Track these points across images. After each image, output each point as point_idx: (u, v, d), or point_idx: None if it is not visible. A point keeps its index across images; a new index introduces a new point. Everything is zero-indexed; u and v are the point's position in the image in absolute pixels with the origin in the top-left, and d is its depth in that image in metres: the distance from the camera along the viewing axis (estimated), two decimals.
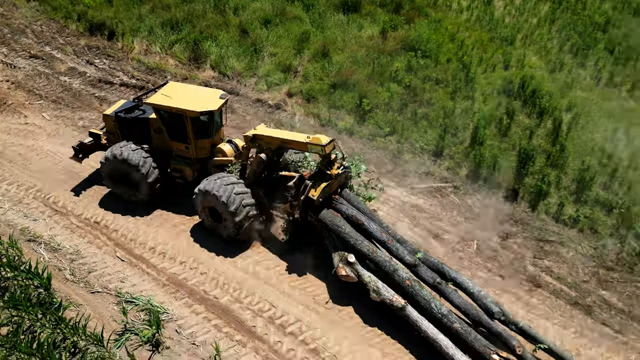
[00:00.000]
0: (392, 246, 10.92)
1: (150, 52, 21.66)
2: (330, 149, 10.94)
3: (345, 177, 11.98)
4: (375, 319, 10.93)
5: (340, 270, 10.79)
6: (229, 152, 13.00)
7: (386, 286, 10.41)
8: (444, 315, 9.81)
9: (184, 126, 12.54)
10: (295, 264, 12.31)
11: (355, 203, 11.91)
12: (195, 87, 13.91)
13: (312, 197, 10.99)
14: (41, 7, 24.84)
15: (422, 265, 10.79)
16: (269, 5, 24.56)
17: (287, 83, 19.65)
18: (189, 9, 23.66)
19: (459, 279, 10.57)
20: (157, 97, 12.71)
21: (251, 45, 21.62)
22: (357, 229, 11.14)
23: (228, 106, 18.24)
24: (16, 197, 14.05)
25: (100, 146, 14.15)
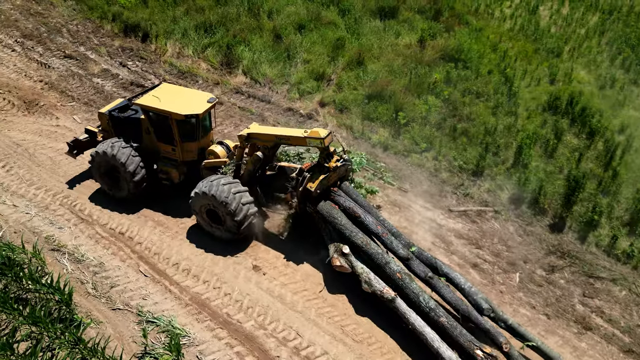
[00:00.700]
0: (386, 239, 11.01)
1: (182, 56, 21.33)
2: (328, 141, 10.99)
3: (345, 170, 11.98)
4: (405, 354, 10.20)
5: (335, 261, 10.96)
6: (221, 153, 12.87)
7: (378, 278, 10.53)
8: (431, 309, 9.90)
9: (170, 128, 12.51)
10: (323, 289, 11.62)
11: (354, 196, 11.91)
12: (187, 90, 13.85)
13: (309, 189, 11.10)
14: (78, 6, 24.89)
15: (414, 259, 10.87)
16: (304, 10, 23.95)
17: (320, 92, 18.98)
18: (223, 12, 23.26)
19: (451, 274, 10.64)
20: (146, 98, 12.75)
21: (284, 51, 21.04)
22: (354, 222, 11.23)
23: (259, 114, 17.76)
24: (43, 202, 13.82)
25: (95, 143, 14.07)
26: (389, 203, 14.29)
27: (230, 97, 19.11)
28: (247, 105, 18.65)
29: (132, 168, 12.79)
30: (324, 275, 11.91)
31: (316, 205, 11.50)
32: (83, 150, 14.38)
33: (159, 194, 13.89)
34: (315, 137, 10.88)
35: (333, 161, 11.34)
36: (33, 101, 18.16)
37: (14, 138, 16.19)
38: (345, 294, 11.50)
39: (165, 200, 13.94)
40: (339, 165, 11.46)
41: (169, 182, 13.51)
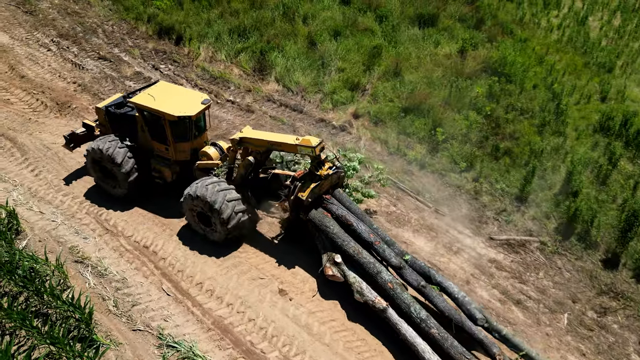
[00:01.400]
0: (379, 247, 10.82)
1: (215, 60, 20.90)
2: (319, 150, 10.88)
3: (338, 177, 11.83)
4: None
5: (327, 270, 10.81)
6: (214, 155, 12.71)
7: (370, 288, 10.37)
8: (422, 320, 9.72)
9: (163, 128, 12.41)
10: (352, 319, 10.87)
11: (347, 204, 11.73)
12: (182, 90, 13.52)
13: (301, 198, 10.99)
14: (114, 6, 24.81)
15: (407, 267, 10.66)
16: (340, 15, 23.20)
17: (354, 103, 18.19)
18: (257, 16, 22.73)
19: (444, 283, 10.42)
20: (141, 96, 12.65)
21: (318, 58, 20.34)
22: (346, 230, 11.06)
23: (290, 124, 17.05)
24: (70, 210, 13.53)
25: (92, 137, 14.09)
26: (424, 227, 13.41)
27: (261, 105, 18.53)
28: (279, 114, 18.04)
29: (127, 168, 12.71)
30: (353, 304, 11.14)
31: (308, 214, 11.34)
32: (80, 143, 14.33)
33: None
34: (306, 145, 10.74)
35: (324, 169, 11.17)
36: (65, 103, 18.02)
37: (44, 141, 16.01)
38: (375, 328, 10.70)
39: None
40: (331, 173, 11.30)
41: (162, 181, 13.36)
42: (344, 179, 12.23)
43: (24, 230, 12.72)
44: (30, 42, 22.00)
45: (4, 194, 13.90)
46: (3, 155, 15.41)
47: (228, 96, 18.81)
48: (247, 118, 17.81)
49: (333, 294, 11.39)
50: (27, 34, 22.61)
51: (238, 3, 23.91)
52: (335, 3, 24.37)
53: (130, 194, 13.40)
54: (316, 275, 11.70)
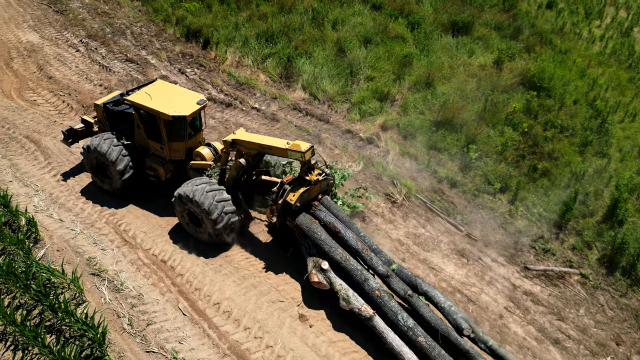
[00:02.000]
0: (366, 255, 10.66)
1: (241, 65, 20.45)
2: (309, 155, 10.80)
3: (327, 184, 11.78)
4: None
5: (313, 277, 10.63)
6: (208, 155, 12.74)
7: (356, 295, 10.24)
8: (409, 328, 9.58)
9: (158, 127, 12.44)
10: (377, 352, 10.19)
11: (335, 210, 11.63)
12: (179, 90, 13.23)
13: (289, 202, 10.91)
14: (144, 7, 24.66)
15: (394, 276, 10.48)
16: (370, 21, 22.46)
17: (383, 114, 17.45)
18: (285, 20, 22.20)
19: (431, 292, 10.24)
20: (138, 94, 12.64)
21: (347, 66, 19.66)
22: (334, 237, 10.96)
23: (316, 134, 16.42)
24: (89, 219, 13.24)
25: (91, 133, 14.22)
26: (455, 252, 12.62)
27: (287, 113, 17.98)
28: (304, 124, 17.44)
29: (121, 167, 12.73)
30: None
31: (296, 219, 11.26)
32: (78, 139, 14.37)
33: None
34: (296, 150, 10.72)
35: (314, 175, 11.12)
36: (91, 106, 17.81)
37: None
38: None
39: None
40: (320, 179, 11.21)
41: (156, 180, 13.34)
42: (332, 186, 12.21)
43: (42, 239, 12.46)
44: (60, 42, 21.99)
45: (26, 199, 13.71)
46: (27, 159, 15.27)
47: (253, 103, 18.32)
48: (272, 127, 17.29)
49: (353, 321, 10.71)
50: (57, 33, 22.63)
51: (267, 7, 23.44)
52: (366, 8, 23.66)
53: (124, 192, 13.39)
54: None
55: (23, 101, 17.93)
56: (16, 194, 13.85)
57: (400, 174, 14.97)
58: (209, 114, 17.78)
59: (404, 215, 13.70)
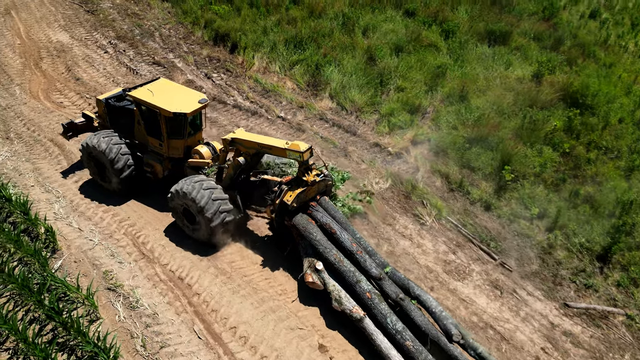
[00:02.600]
0: (360, 257, 10.61)
1: (269, 71, 19.91)
2: (307, 156, 10.78)
3: (325, 185, 11.72)
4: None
5: (308, 277, 10.66)
6: (206, 154, 12.68)
7: (348, 296, 10.25)
8: (398, 332, 9.57)
9: (159, 123, 12.38)
10: None
11: (332, 212, 11.58)
12: (181, 88, 13.21)
13: (286, 202, 10.89)
14: (173, 9, 24.42)
15: (387, 279, 10.45)
16: (403, 28, 21.63)
17: (413, 127, 16.62)
18: (315, 26, 21.57)
19: (423, 296, 10.17)
20: (140, 90, 12.61)
21: (377, 75, 18.91)
22: (330, 238, 10.95)
23: (342, 147, 15.66)
24: (108, 229, 12.88)
25: (91, 128, 14.28)
26: (488, 283, 11.75)
27: (313, 123, 17.34)
28: (330, 135, 16.77)
29: (120, 165, 12.76)
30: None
31: (292, 219, 11.24)
32: (78, 133, 14.41)
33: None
34: (295, 150, 10.69)
35: (312, 175, 11.09)
36: None
37: None
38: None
39: (247, 243, 12.52)
40: (318, 180, 11.18)
41: (153, 177, 13.29)
42: (331, 187, 12.17)
43: (60, 249, 12.16)
44: (89, 42, 21.90)
45: (46, 205, 13.46)
46: (50, 163, 15.07)
47: (279, 112, 17.75)
48: (297, 137, 16.67)
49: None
50: (87, 34, 22.56)
51: (296, 10, 22.87)
52: (399, 14, 22.84)
53: (122, 190, 13.42)
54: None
55: (50, 103, 17.81)
56: (37, 199, 13.63)
57: (430, 193, 14.16)
58: (234, 122, 17.30)
59: (433, 238, 12.89)
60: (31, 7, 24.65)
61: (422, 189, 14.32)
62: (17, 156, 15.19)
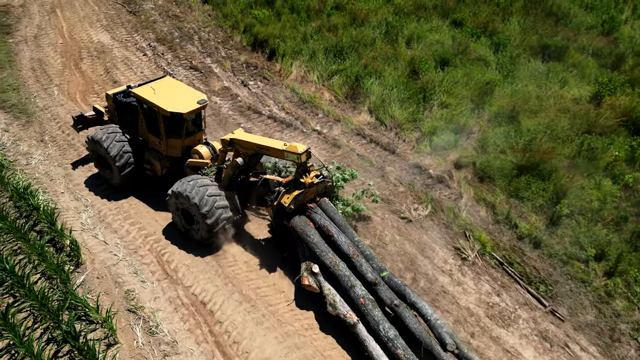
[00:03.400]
0: (356, 261, 10.41)
1: (306, 81, 19.11)
2: (305, 158, 10.61)
3: (324, 187, 11.55)
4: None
5: (304, 280, 10.54)
6: (206, 154, 12.59)
7: (343, 301, 10.09)
8: (389, 339, 9.36)
9: (158, 122, 12.35)
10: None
11: (332, 214, 11.38)
12: (184, 88, 12.90)
13: (283, 204, 10.82)
14: (214, 12, 24.00)
15: (383, 284, 10.20)
16: (449, 39, 20.39)
17: (457, 149, 15.45)
18: (357, 34, 20.62)
19: (419, 303, 9.88)
20: (143, 88, 12.58)
21: (420, 89, 17.78)
22: (327, 240, 10.77)
23: (379, 167, 14.56)
24: (133, 244, 12.40)
25: (100, 121, 14.38)
26: (536, 332, 10.53)
27: (349, 138, 16.41)
28: (367, 152, 15.80)
29: (121, 163, 12.89)
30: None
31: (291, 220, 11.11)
32: (87, 126, 14.51)
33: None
34: (292, 151, 10.52)
35: (309, 177, 10.94)
36: None
37: None
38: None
39: (272, 268, 11.78)
40: (317, 181, 11.04)
41: (152, 174, 13.29)
42: (331, 189, 11.98)
43: (84, 262, 11.74)
44: (129, 44, 21.71)
45: (74, 214, 13.12)
46: (82, 169, 14.77)
47: (314, 125, 16.92)
48: (333, 153, 15.80)
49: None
50: (128, 35, 22.40)
51: (338, 17, 21.99)
52: (445, 24, 21.59)
53: (123, 186, 13.53)
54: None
55: (86, 105, 17.60)
56: (66, 207, 13.31)
57: (473, 224, 13.00)
58: (268, 133, 16.59)
59: (475, 276, 11.76)
60: (75, 6, 24.77)
61: (465, 219, 13.17)
62: (49, 160, 14.98)
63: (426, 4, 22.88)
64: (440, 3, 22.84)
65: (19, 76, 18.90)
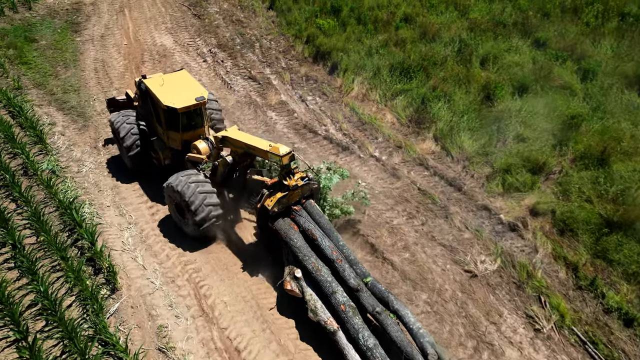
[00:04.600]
0: (339, 266, 10.11)
1: (367, 99, 17.69)
2: (287, 160, 10.47)
3: (310, 189, 11.27)
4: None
5: (287, 284, 10.29)
6: (204, 150, 12.59)
7: (324, 307, 9.80)
8: (368, 349, 8.98)
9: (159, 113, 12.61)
10: None
11: (317, 217, 11.07)
12: (193, 84, 12.92)
13: (266, 207, 10.70)
14: (277, 19, 23.08)
15: (365, 290, 9.92)
16: (530, 61, 18.20)
17: (534, 192, 13.48)
18: (426, 51, 18.91)
19: (402, 311, 9.53)
20: (154, 79, 12.92)
21: (494, 119, 15.85)
22: (311, 244, 10.53)
23: (443, 205, 12.79)
24: (172, 271, 11.57)
25: (131, 106, 14.38)
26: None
27: (411, 168, 14.82)
28: (430, 187, 14.16)
29: (128, 144, 13.24)
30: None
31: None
32: (119, 109, 14.53)
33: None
34: (275, 153, 10.38)
35: (293, 180, 10.76)
36: None
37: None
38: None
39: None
40: (301, 184, 10.83)
41: (157, 162, 13.51)
42: (317, 191, 11.65)
43: (120, 288, 11.04)
44: (190, 49, 21.20)
45: (117, 232, 12.51)
46: (129, 181, 14.21)
47: (373, 150, 15.47)
48: (391, 184, 14.30)
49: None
50: (190, 39, 21.93)
51: (407, 31, 20.36)
52: (526, 44, 19.38)
53: (132, 168, 13.88)
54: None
55: None
56: (109, 223, 12.73)
57: (550, 287, 11.11)
58: (322, 155, 15.34)
59: (550, 354, 9.92)
60: (143, 6, 24.69)
61: (541, 280, 11.29)
62: (100, 169, 14.54)
63: (505, 20, 20.72)
64: (521, 19, 20.61)
65: (82, 77, 18.81)
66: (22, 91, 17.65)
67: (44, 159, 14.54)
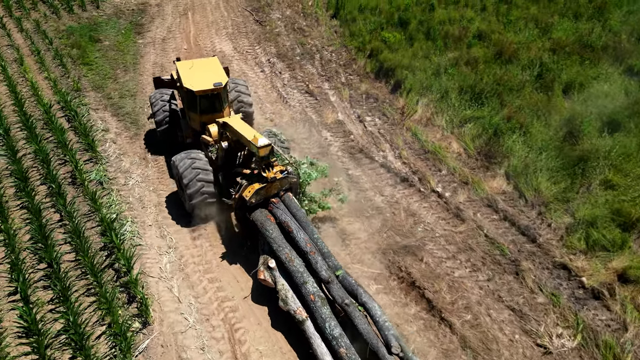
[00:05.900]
0: (312, 258, 10.02)
1: (432, 124, 16.01)
2: (264, 152, 10.60)
3: (288, 182, 11.23)
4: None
5: (260, 274, 10.29)
6: (214, 133, 12.69)
7: (295, 297, 9.81)
8: (334, 338, 9.02)
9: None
10: None
11: (294, 210, 11.02)
12: (218, 71, 13.21)
13: (244, 197, 10.75)
14: (340, 29, 21.79)
15: (336, 283, 9.82)
16: (622, 92, 15.81)
17: (624, 253, 11.36)
18: (502, 74, 16.93)
19: (369, 304, 9.47)
20: (185, 62, 13.53)
21: (578, 159, 13.74)
22: (286, 236, 10.53)
23: (514, 258, 10.91)
24: (207, 308, 10.62)
25: (174, 85, 14.60)
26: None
27: (477, 210, 13.07)
28: (499, 234, 12.35)
29: (158, 119, 14.04)
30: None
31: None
32: (163, 87, 14.96)
33: None
34: (253, 143, 10.54)
35: (272, 172, 10.85)
36: None
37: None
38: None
39: None
40: (279, 177, 10.87)
41: (181, 140, 13.90)
42: (297, 185, 11.56)
43: (152, 323, 10.20)
44: (249, 57, 20.37)
45: (155, 256, 11.74)
46: (175, 198, 13.46)
47: (435, 184, 13.83)
48: (454, 227, 12.64)
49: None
50: (249, 47, 21.11)
51: (480, 48, 18.43)
52: (618, 71, 16.90)
53: (162, 141, 14.47)
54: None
55: None
56: (149, 245, 11.99)
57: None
58: (377, 186, 13.89)
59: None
60: (207, 10, 24.21)
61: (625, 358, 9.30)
62: (146, 183, 13.90)
63: (594, 42, 18.24)
64: (612, 43, 18.07)
65: (139, 82, 18.42)
66: (80, 93, 17.46)
67: (93, 168, 14.09)
